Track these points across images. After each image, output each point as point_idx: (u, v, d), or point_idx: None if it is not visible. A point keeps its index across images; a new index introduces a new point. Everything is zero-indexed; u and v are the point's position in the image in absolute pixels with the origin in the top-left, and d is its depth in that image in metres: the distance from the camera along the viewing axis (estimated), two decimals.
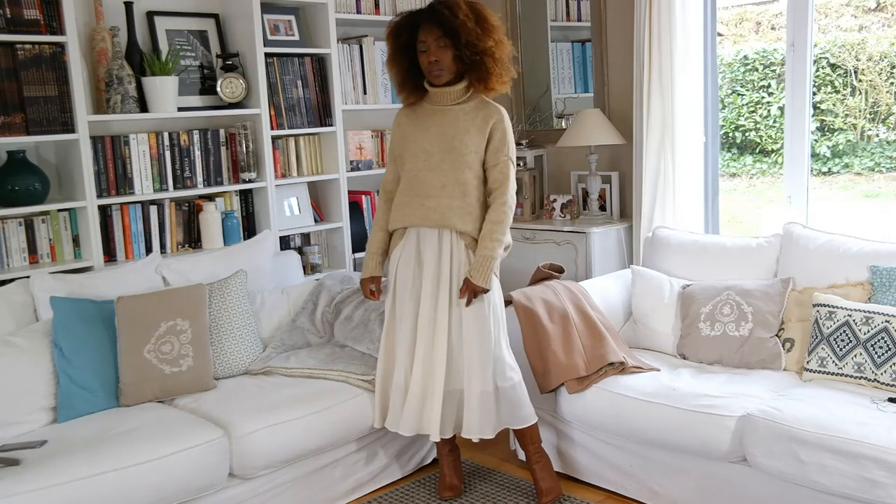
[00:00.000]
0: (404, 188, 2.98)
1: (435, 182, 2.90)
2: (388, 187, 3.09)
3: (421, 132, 2.95)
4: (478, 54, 2.82)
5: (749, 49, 6.19)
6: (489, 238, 2.87)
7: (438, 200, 2.89)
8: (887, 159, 5.80)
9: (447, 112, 2.93)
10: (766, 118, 6.14)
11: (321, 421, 2.95)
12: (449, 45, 2.82)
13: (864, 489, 2.42)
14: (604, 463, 3.14)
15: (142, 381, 3.00)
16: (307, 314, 3.53)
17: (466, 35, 2.79)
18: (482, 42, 2.81)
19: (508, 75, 2.90)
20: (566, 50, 4.56)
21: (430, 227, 2.92)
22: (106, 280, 3.22)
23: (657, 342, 3.40)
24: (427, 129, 2.94)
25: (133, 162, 3.53)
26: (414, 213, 2.93)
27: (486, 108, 2.92)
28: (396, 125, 3.06)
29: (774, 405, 2.68)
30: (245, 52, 3.82)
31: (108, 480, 2.48)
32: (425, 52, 2.85)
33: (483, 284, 2.84)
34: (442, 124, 2.92)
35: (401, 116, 3.06)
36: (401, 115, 3.06)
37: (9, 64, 3.15)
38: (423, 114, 2.98)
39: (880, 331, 2.84)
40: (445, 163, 2.89)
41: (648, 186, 3.93)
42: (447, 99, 2.93)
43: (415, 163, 2.95)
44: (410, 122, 3.00)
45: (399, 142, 3.03)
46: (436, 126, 2.92)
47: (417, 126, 2.97)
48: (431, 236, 2.93)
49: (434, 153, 2.91)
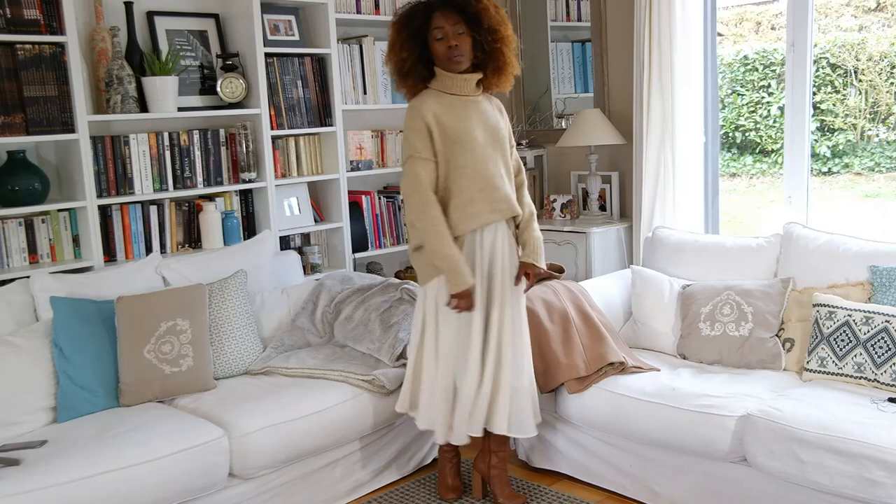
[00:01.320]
0: (464, 185, 2.76)
1: (495, 171, 2.80)
2: (431, 188, 2.79)
3: (467, 123, 2.77)
4: (499, 41, 2.76)
5: (749, 49, 6.19)
6: (534, 220, 2.92)
7: (503, 191, 2.81)
8: (887, 159, 5.80)
9: (478, 102, 2.84)
10: (766, 118, 6.14)
11: (321, 421, 2.95)
12: (467, 32, 2.72)
13: (864, 489, 2.42)
14: (604, 463, 3.14)
15: (142, 381, 3.00)
16: (307, 314, 3.53)
17: (489, 20, 2.73)
18: (503, 28, 2.76)
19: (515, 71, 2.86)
20: (566, 50, 4.56)
21: (499, 220, 2.83)
22: (106, 280, 3.22)
23: (657, 342, 3.40)
24: (467, 118, 2.77)
25: (133, 162, 3.53)
26: (482, 211, 2.78)
27: (492, 99, 2.93)
28: (430, 116, 2.75)
29: (774, 405, 2.68)
30: (245, 52, 3.82)
31: (108, 480, 2.48)
32: (442, 39, 2.73)
33: (543, 266, 2.88)
34: (481, 113, 2.81)
35: (430, 107, 2.76)
36: (429, 106, 2.76)
37: (9, 64, 3.15)
38: (455, 104, 2.79)
39: (880, 331, 2.83)
40: (496, 152, 2.82)
41: (648, 186, 3.93)
42: (469, 88, 2.81)
43: (470, 156, 2.76)
44: (447, 112, 2.76)
45: (441, 134, 2.75)
46: (476, 115, 2.80)
47: (460, 117, 2.77)
48: (490, 231, 2.83)
49: (486, 143, 2.79)
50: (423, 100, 2.79)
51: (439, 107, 2.76)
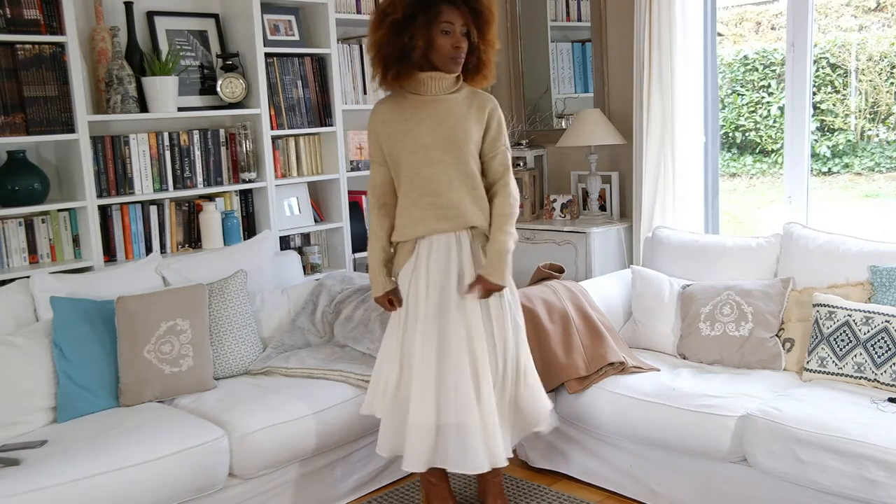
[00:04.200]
0: (406, 190, 2.64)
1: (441, 178, 2.59)
2: (378, 192, 2.72)
3: (413, 125, 2.61)
4: (490, 52, 2.65)
5: (749, 49, 6.19)
6: (500, 231, 2.61)
7: (449, 197, 2.59)
8: (887, 159, 5.80)
9: (441, 101, 2.62)
10: (766, 118, 6.14)
11: (321, 421, 2.95)
12: (466, 35, 2.59)
13: (864, 489, 2.42)
14: (604, 463, 3.14)
15: (142, 381, 3.00)
16: (307, 314, 3.53)
17: (491, 33, 2.62)
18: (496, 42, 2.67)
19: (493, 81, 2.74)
20: (566, 50, 4.56)
21: (449, 230, 2.62)
22: (106, 280, 3.22)
23: (657, 342, 3.40)
24: (421, 122, 2.60)
25: (133, 162, 3.53)
26: (426, 217, 2.61)
27: (478, 96, 2.68)
28: (378, 121, 2.67)
29: (774, 405, 2.68)
30: (245, 52, 3.82)
31: (108, 480, 2.48)
32: (449, 35, 2.56)
33: (499, 281, 2.58)
34: (437, 114, 2.61)
35: (381, 111, 2.67)
36: (381, 110, 2.67)
37: (9, 64, 3.15)
38: (409, 105, 2.63)
39: (880, 331, 2.83)
40: (448, 155, 2.59)
41: (648, 186, 3.93)
42: (439, 87, 2.63)
43: (413, 159, 2.61)
44: (396, 115, 2.64)
45: (387, 139, 2.65)
46: (431, 117, 2.60)
47: (407, 119, 2.62)
48: (442, 241, 2.63)
49: (433, 146, 2.59)
50: (381, 102, 2.70)
51: (390, 110, 2.65)
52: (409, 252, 2.67)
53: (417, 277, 2.65)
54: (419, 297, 2.64)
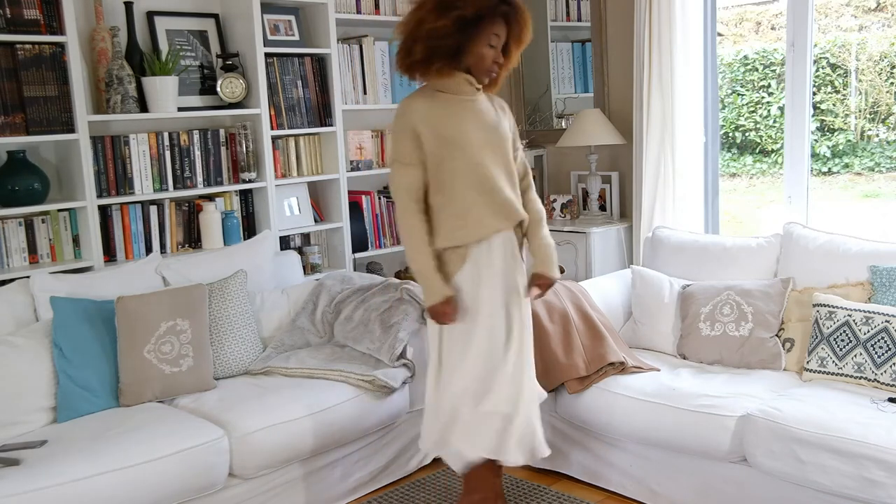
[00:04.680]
0: (461, 189, 2.53)
1: (495, 175, 2.55)
2: (416, 195, 2.57)
3: (458, 121, 2.53)
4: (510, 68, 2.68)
5: (749, 49, 6.20)
6: (542, 227, 2.67)
7: (505, 195, 2.57)
8: (887, 159, 5.80)
9: (473, 102, 2.59)
10: (766, 118, 6.15)
11: (321, 421, 2.95)
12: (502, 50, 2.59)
13: (864, 489, 2.43)
14: (604, 463, 3.14)
15: (142, 381, 3.00)
16: (307, 314, 3.53)
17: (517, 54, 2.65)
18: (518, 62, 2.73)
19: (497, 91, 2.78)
20: (566, 50, 4.56)
21: (506, 229, 2.59)
22: (106, 280, 3.22)
23: (657, 342, 3.40)
24: (464, 118, 2.54)
25: (133, 162, 3.53)
26: (486, 215, 2.54)
27: (495, 98, 2.71)
28: (417, 118, 2.53)
29: (774, 405, 2.68)
30: (245, 52, 3.82)
31: (108, 480, 2.48)
32: (493, 48, 2.55)
33: (557, 276, 2.67)
34: (476, 111, 2.58)
35: (418, 109, 2.55)
36: (417, 108, 2.55)
37: (9, 64, 3.14)
38: (447, 103, 2.56)
39: (880, 331, 2.83)
40: (496, 154, 2.57)
41: (648, 186, 3.93)
42: (469, 90, 2.58)
43: (465, 157, 2.52)
44: (437, 112, 2.54)
45: (431, 137, 2.53)
46: (473, 116, 2.56)
47: (452, 115, 2.54)
48: (500, 240, 2.59)
49: (484, 144, 2.55)
50: (414, 99, 2.59)
51: (429, 107, 2.55)
52: (462, 257, 2.57)
53: (479, 280, 2.57)
54: (482, 299, 2.57)
